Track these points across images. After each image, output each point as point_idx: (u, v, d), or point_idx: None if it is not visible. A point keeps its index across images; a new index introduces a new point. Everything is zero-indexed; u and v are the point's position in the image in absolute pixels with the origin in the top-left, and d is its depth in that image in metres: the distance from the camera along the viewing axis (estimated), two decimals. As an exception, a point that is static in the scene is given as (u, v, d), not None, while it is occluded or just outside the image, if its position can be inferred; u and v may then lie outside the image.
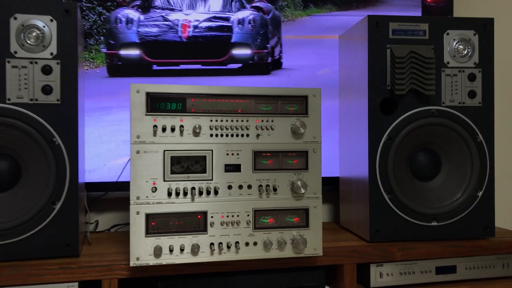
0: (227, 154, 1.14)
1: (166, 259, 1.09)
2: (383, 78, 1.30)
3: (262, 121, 1.15)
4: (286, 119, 1.17)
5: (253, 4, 1.57)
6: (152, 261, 1.09)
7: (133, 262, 1.08)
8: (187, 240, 1.11)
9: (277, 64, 1.60)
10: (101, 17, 1.50)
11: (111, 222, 1.56)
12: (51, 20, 1.14)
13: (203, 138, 1.12)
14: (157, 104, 1.10)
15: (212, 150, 1.13)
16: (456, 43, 1.33)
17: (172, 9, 1.52)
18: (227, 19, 1.52)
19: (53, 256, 1.14)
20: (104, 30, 1.50)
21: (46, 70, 1.14)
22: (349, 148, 1.46)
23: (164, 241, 1.09)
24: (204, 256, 1.11)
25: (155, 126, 1.10)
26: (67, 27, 1.15)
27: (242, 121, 1.14)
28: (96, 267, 1.11)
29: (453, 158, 1.35)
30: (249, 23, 1.53)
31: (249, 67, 1.57)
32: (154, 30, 1.51)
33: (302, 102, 1.18)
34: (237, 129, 1.14)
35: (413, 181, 1.35)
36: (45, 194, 1.14)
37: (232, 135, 1.14)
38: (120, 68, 1.52)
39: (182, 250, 1.10)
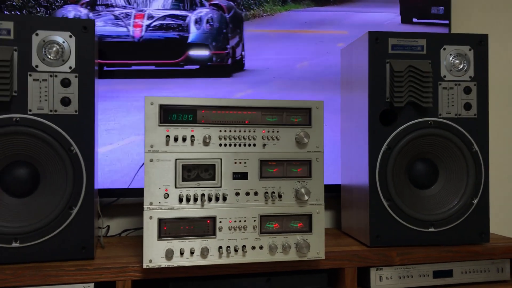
0: (235, 163, 1.20)
1: (177, 261, 1.16)
2: (383, 91, 1.37)
3: (268, 131, 1.22)
4: (291, 130, 1.23)
5: (212, 2, 1.49)
6: (164, 263, 1.15)
7: (146, 264, 1.15)
8: (197, 243, 1.17)
9: (239, 66, 1.54)
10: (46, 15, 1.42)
11: (122, 227, 1.63)
12: (70, 36, 1.21)
13: (213, 147, 1.19)
14: (169, 115, 1.17)
15: (221, 159, 1.19)
16: (453, 58, 1.40)
17: (124, 7, 1.45)
18: (183, 18, 1.45)
19: (70, 258, 1.21)
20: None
21: (65, 83, 1.21)
22: (350, 157, 1.53)
23: (176, 244, 1.16)
24: (213, 259, 1.18)
25: (167, 136, 1.17)
26: (85, 43, 1.22)
27: (249, 131, 1.21)
28: (111, 268, 1.18)
29: (450, 167, 1.42)
30: (207, 22, 1.46)
31: (208, 69, 1.50)
32: (103, 29, 1.43)
33: (306, 114, 1.25)
34: (244, 139, 1.21)
35: (411, 189, 1.41)
36: (62, 200, 1.20)
37: (240, 145, 1.21)
38: None
39: (192, 253, 1.16)
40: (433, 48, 1.39)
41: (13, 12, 1.27)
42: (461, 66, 1.40)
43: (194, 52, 1.47)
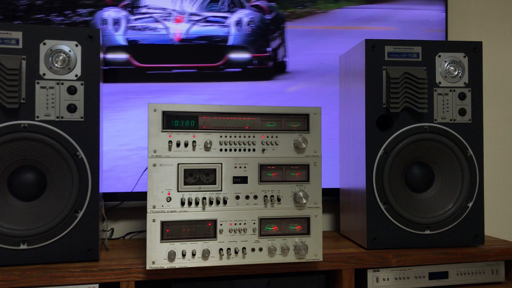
0: (235, 167, 1.24)
1: (179, 263, 1.20)
2: (379, 97, 1.41)
3: (267, 137, 1.26)
4: (289, 135, 1.27)
5: (253, 3, 1.48)
6: (166, 264, 1.19)
7: (149, 266, 1.19)
8: (199, 245, 1.21)
9: (280, 68, 1.53)
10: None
11: (126, 230, 1.67)
12: (76, 45, 1.26)
13: (214, 152, 1.23)
14: (172, 121, 1.21)
15: (221, 164, 1.23)
16: (447, 65, 1.44)
17: (164, 9, 1.44)
18: (223, 19, 1.43)
19: (76, 260, 1.25)
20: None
21: (71, 91, 1.25)
22: (348, 161, 1.57)
23: (178, 246, 1.20)
24: (213, 261, 1.22)
25: (170, 141, 1.21)
26: (91, 51, 1.27)
27: (249, 137, 1.25)
28: (115, 270, 1.22)
29: (445, 171, 1.45)
30: (248, 24, 1.44)
31: (249, 72, 1.49)
32: (144, 31, 1.42)
33: (304, 120, 1.28)
34: (244, 144, 1.25)
35: (407, 193, 1.45)
36: (68, 203, 1.24)
37: (240, 150, 1.25)
38: (108, 74, 1.44)
39: (193, 254, 1.20)
40: (428, 55, 1.43)
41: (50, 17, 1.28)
42: (456, 73, 1.44)
43: (234, 55, 1.45)
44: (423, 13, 1.82)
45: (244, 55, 1.46)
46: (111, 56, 1.43)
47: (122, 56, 1.43)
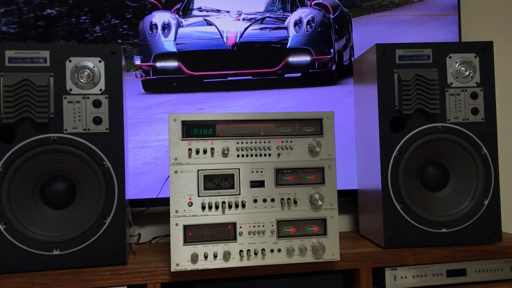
0: (252, 172, 1.30)
1: (201, 264, 1.26)
2: (392, 99, 1.45)
3: (282, 142, 1.31)
4: (304, 140, 1.32)
5: (316, 1, 1.36)
6: (189, 266, 1.25)
7: (173, 268, 1.25)
8: (220, 248, 1.27)
9: (347, 71, 1.42)
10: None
11: (152, 234, 1.74)
12: (100, 61, 1.34)
13: (231, 158, 1.29)
14: (191, 130, 1.28)
15: (239, 169, 1.29)
16: (458, 65, 1.46)
17: (218, 11, 1.34)
18: (282, 20, 1.31)
19: (105, 263, 1.32)
20: (136, 40, 1.32)
21: (96, 104, 1.33)
22: (364, 163, 1.60)
23: (200, 249, 1.26)
24: (234, 262, 1.27)
25: (189, 149, 1.27)
26: (113, 66, 1.34)
27: (265, 142, 1.31)
28: (142, 272, 1.28)
29: (460, 170, 1.48)
30: (308, 23, 1.31)
31: (310, 77, 1.38)
32: (195, 36, 1.31)
33: (318, 124, 1.33)
34: (260, 149, 1.30)
35: (423, 192, 1.48)
36: (97, 210, 1.32)
37: (256, 155, 1.30)
38: (157, 83, 1.36)
39: (215, 256, 1.26)
40: (439, 57, 1.46)
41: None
42: (467, 73, 1.47)
43: (293, 59, 1.33)
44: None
45: (304, 58, 1.35)
46: (160, 64, 1.33)
47: (172, 64, 1.33)
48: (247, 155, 1.30)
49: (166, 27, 1.28)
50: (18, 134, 1.28)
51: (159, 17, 1.27)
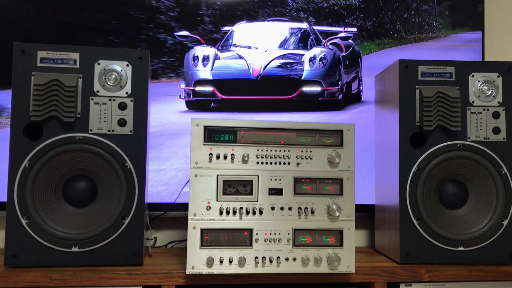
0: (271, 180, 1.31)
1: (216, 269, 1.27)
2: (413, 115, 1.45)
3: (302, 151, 1.33)
4: (323, 150, 1.33)
5: (332, 41, 1.55)
6: (205, 270, 1.26)
7: (189, 271, 1.26)
8: (235, 253, 1.28)
9: (355, 98, 1.62)
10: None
11: (168, 238, 1.76)
12: (127, 65, 1.37)
13: (251, 165, 1.31)
14: (212, 135, 1.30)
15: (258, 176, 1.31)
16: (481, 84, 1.47)
17: (249, 47, 1.53)
18: (299, 56, 1.51)
19: (122, 263, 1.34)
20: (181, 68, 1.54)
21: (122, 106, 1.36)
22: (383, 178, 1.60)
23: (216, 253, 1.27)
24: (249, 268, 1.28)
25: (210, 154, 1.29)
26: (140, 71, 1.38)
27: (285, 151, 1.32)
28: (158, 274, 1.30)
29: (479, 189, 1.47)
30: (320, 60, 1.51)
31: (320, 104, 1.56)
32: (227, 67, 1.52)
33: (338, 136, 1.34)
34: (280, 158, 1.32)
35: (441, 209, 1.47)
36: (117, 210, 1.34)
37: (275, 163, 1.32)
38: (197, 103, 1.55)
39: (230, 262, 1.27)
40: (461, 75, 1.47)
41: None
42: (490, 92, 1.47)
43: (307, 88, 1.53)
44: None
45: (315, 88, 1.53)
46: (199, 88, 1.55)
47: (208, 89, 1.53)
48: (266, 163, 1.31)
49: (205, 58, 1.49)
50: (45, 132, 1.32)
51: (201, 51, 1.48)
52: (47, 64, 1.34)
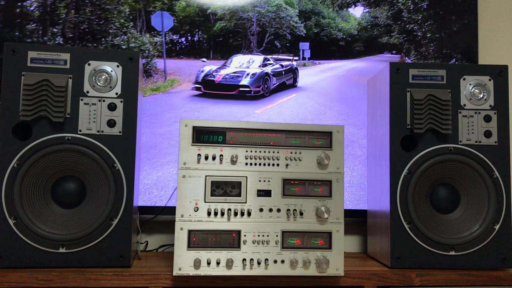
0: (260, 181, 1.30)
1: (204, 270, 1.26)
2: (404, 118, 1.45)
3: (291, 152, 1.32)
4: (313, 152, 1.33)
5: (280, 63, 1.94)
6: (192, 271, 1.25)
7: (175, 272, 1.25)
8: (223, 255, 1.27)
9: (290, 86, 1.97)
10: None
11: (159, 242, 1.75)
12: (118, 66, 1.37)
13: (239, 166, 1.30)
14: (201, 136, 1.30)
15: (246, 177, 1.30)
16: (472, 87, 1.46)
17: (226, 66, 1.91)
18: (242, 72, 1.92)
19: (109, 265, 1.33)
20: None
21: (112, 107, 1.36)
22: (374, 182, 1.60)
23: (203, 254, 1.26)
24: (237, 270, 1.27)
25: (199, 154, 1.29)
26: (130, 72, 1.38)
27: (274, 152, 1.32)
28: (145, 275, 1.29)
29: (471, 193, 1.46)
30: (251, 75, 1.90)
31: (249, 97, 1.91)
32: (210, 76, 1.91)
33: (327, 137, 1.34)
34: (269, 159, 1.31)
35: (432, 213, 1.46)
36: (105, 211, 1.34)
37: (264, 164, 1.31)
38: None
39: (218, 263, 1.26)
40: (453, 78, 1.46)
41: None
42: (481, 95, 1.46)
43: (242, 89, 1.91)
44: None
45: (247, 89, 1.91)
46: (197, 85, 1.91)
47: (199, 86, 1.87)
48: (255, 164, 1.31)
49: (209, 71, 1.91)
50: (34, 132, 1.32)
51: (206, 68, 1.92)
52: (37, 64, 1.34)
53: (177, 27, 1.88)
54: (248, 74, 1.92)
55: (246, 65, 1.91)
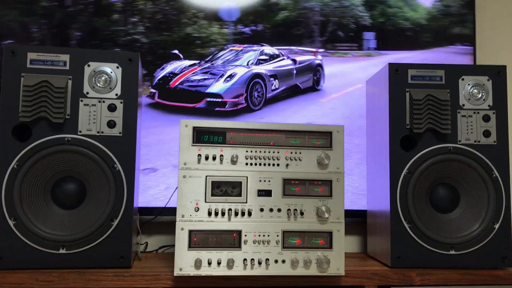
0: (260, 181, 1.31)
1: (205, 271, 1.26)
2: (403, 118, 1.45)
3: (291, 152, 1.32)
4: (313, 152, 1.33)
5: (294, 57, 1.81)
6: (193, 272, 1.25)
7: (176, 272, 1.25)
8: (224, 255, 1.27)
9: (313, 88, 1.85)
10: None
11: (159, 243, 1.74)
12: (117, 67, 1.38)
13: (240, 166, 1.30)
14: (201, 136, 1.30)
15: (247, 177, 1.30)
16: (471, 88, 1.47)
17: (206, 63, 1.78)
18: (219, 71, 1.76)
19: (110, 266, 1.33)
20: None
21: (112, 108, 1.36)
22: (374, 182, 1.60)
23: (204, 255, 1.26)
24: (238, 270, 1.27)
25: (199, 155, 1.29)
26: (130, 73, 1.38)
27: (274, 152, 1.32)
28: (145, 276, 1.29)
29: (470, 192, 1.46)
30: (229, 78, 1.72)
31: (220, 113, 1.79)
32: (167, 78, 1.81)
33: (327, 137, 1.34)
34: (269, 159, 1.32)
35: (432, 212, 1.47)
36: (105, 212, 1.33)
37: (264, 164, 1.31)
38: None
39: (219, 263, 1.26)
40: (451, 78, 1.47)
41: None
42: (480, 95, 1.47)
43: (211, 99, 1.77)
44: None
45: (219, 100, 1.72)
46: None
47: (154, 91, 1.72)
48: (255, 164, 1.31)
49: (172, 71, 1.73)
50: (33, 133, 1.32)
51: (171, 66, 1.71)
52: (37, 66, 1.34)
53: (242, 17, 1.80)
54: (222, 76, 1.59)
55: (233, 61, 1.67)
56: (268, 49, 1.74)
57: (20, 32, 1.72)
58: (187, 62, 1.69)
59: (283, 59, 1.73)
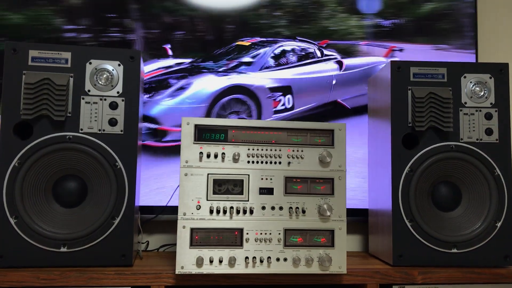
0: (262, 179, 1.30)
1: (206, 269, 1.25)
2: (405, 116, 1.45)
3: (293, 151, 1.32)
4: (315, 150, 1.33)
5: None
6: (194, 270, 1.25)
7: (178, 270, 1.25)
8: (225, 253, 1.27)
9: None
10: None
11: (160, 242, 1.74)
12: (119, 65, 1.37)
13: (241, 164, 1.30)
14: (203, 134, 1.29)
15: (248, 175, 1.30)
16: (473, 86, 1.47)
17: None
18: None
19: (111, 264, 1.32)
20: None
21: (113, 106, 1.36)
22: (376, 180, 1.60)
23: (206, 253, 1.26)
24: (239, 268, 1.27)
25: (201, 153, 1.29)
26: (132, 71, 1.38)
27: (276, 150, 1.32)
28: (147, 274, 1.28)
29: (473, 190, 1.46)
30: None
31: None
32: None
33: (329, 135, 1.34)
34: (271, 157, 1.31)
35: (434, 211, 1.46)
36: (106, 210, 1.33)
37: (266, 162, 1.31)
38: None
39: (220, 261, 1.26)
40: (453, 76, 1.47)
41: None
42: (482, 93, 1.47)
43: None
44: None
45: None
46: None
47: None
48: (257, 162, 1.31)
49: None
50: (35, 131, 1.31)
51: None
52: (38, 63, 1.34)
53: (383, 10, 1.78)
54: (169, 88, 1.31)
55: (227, 63, 1.62)
56: (292, 45, 1.61)
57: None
58: (174, 61, 1.63)
59: (320, 60, 1.45)
